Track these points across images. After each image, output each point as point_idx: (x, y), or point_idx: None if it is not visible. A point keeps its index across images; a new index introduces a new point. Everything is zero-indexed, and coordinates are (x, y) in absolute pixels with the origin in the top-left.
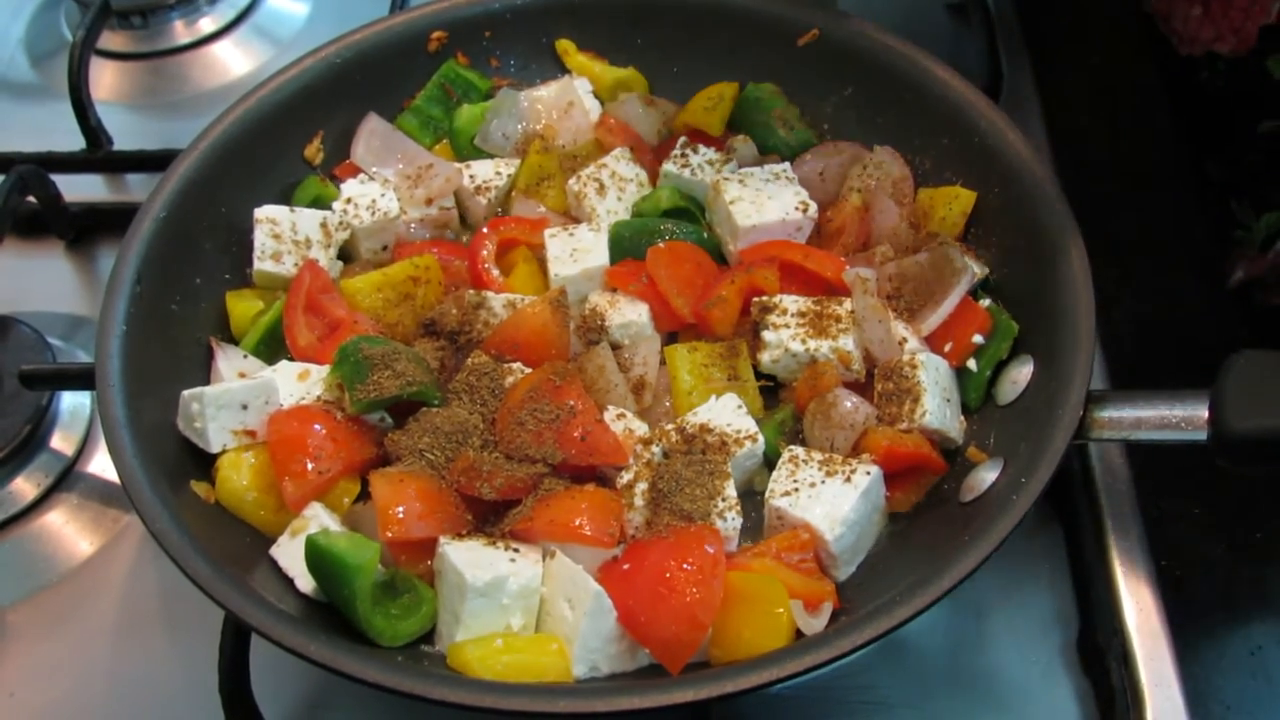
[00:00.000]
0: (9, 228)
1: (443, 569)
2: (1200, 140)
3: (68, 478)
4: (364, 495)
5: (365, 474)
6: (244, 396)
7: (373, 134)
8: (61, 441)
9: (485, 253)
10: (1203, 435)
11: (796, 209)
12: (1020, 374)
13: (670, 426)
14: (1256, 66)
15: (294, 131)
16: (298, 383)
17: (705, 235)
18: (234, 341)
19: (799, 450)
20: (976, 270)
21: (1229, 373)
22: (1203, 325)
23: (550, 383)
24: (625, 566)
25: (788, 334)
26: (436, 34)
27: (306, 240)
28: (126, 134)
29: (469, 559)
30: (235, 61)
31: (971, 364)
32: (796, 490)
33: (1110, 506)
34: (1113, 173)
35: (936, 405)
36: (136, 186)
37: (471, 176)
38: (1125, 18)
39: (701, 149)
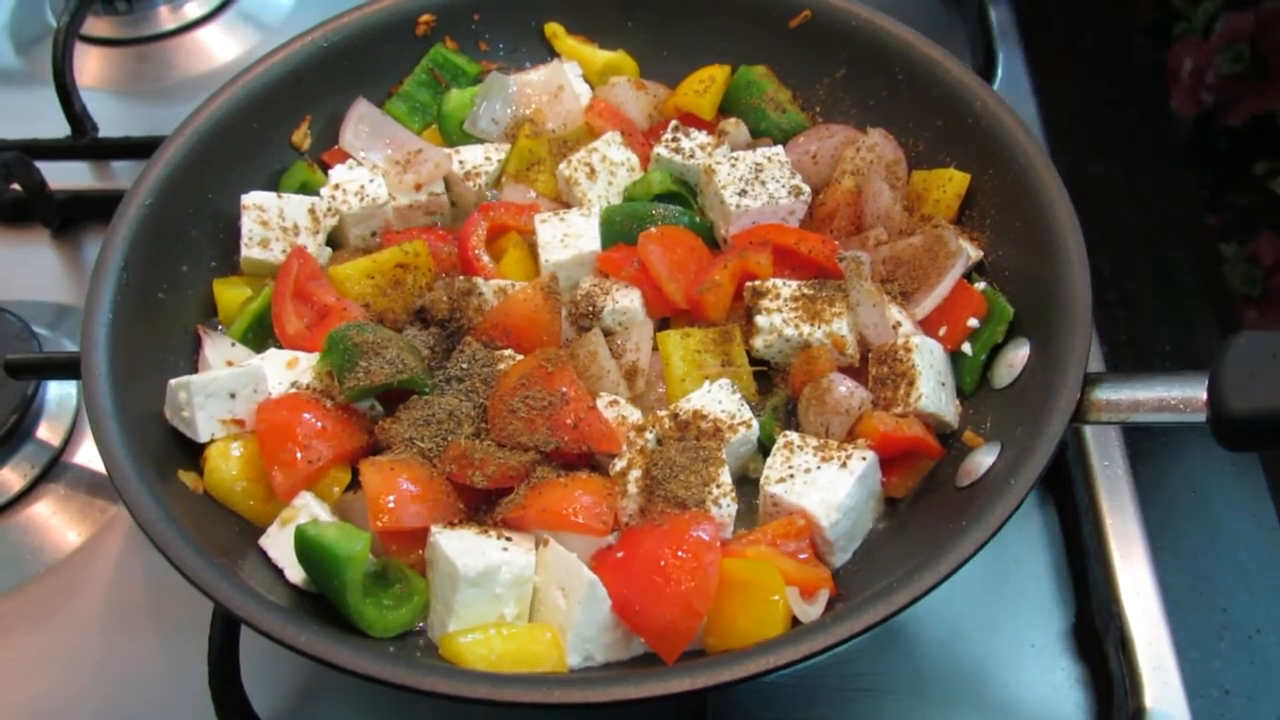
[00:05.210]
0: None
1: (434, 558)
2: None
3: (54, 468)
4: (354, 484)
5: (355, 463)
6: (232, 385)
7: (361, 119)
8: (48, 432)
9: (475, 238)
10: (1201, 417)
11: (789, 193)
12: (1016, 357)
13: (664, 413)
14: None
15: (281, 117)
16: (286, 371)
17: (697, 219)
18: (222, 329)
19: (794, 436)
20: (971, 253)
21: (1227, 354)
22: (1199, 306)
23: (542, 369)
24: (619, 554)
25: (781, 318)
26: (425, 17)
27: (294, 227)
28: (112, 120)
29: (461, 548)
30: (222, 47)
31: (967, 348)
32: (792, 476)
33: (1107, 489)
34: (1107, 154)
35: (931, 389)
36: (122, 173)
37: (461, 162)
38: None
39: (693, 133)
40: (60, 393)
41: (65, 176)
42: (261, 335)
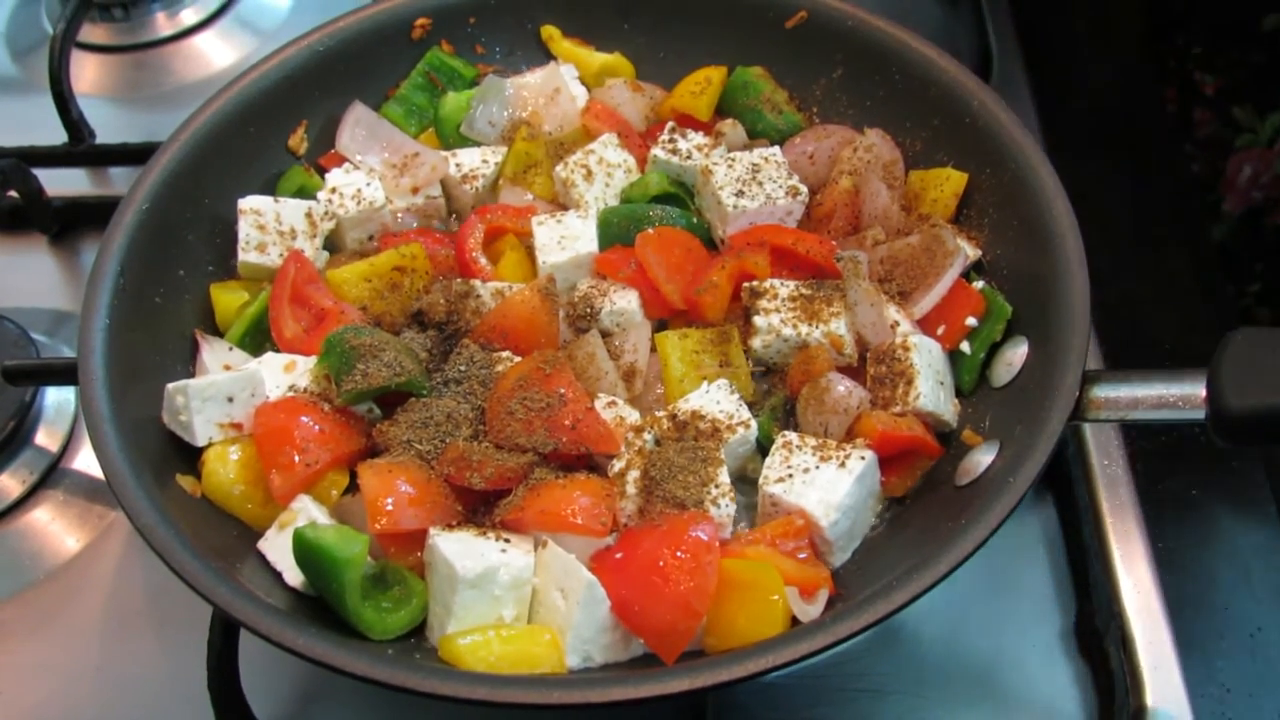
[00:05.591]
0: None
1: (433, 560)
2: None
3: (53, 474)
4: (352, 487)
5: (353, 466)
6: (230, 389)
7: (357, 123)
8: (46, 438)
9: (473, 241)
10: (1200, 414)
11: (786, 193)
12: (1015, 355)
13: (662, 414)
14: None
15: (277, 121)
16: (284, 374)
17: (695, 220)
18: (219, 334)
19: (792, 436)
20: (969, 252)
21: (1226, 350)
22: (1198, 303)
23: (540, 371)
24: (618, 555)
25: (779, 319)
26: (420, 21)
27: (291, 231)
28: (109, 127)
29: (459, 550)
30: (218, 53)
31: (965, 346)
32: (790, 476)
33: (1107, 488)
34: (1104, 151)
35: (930, 388)
36: (119, 180)
37: (458, 165)
38: None
39: (690, 134)
40: (58, 399)
41: (62, 183)
42: (259, 339)
